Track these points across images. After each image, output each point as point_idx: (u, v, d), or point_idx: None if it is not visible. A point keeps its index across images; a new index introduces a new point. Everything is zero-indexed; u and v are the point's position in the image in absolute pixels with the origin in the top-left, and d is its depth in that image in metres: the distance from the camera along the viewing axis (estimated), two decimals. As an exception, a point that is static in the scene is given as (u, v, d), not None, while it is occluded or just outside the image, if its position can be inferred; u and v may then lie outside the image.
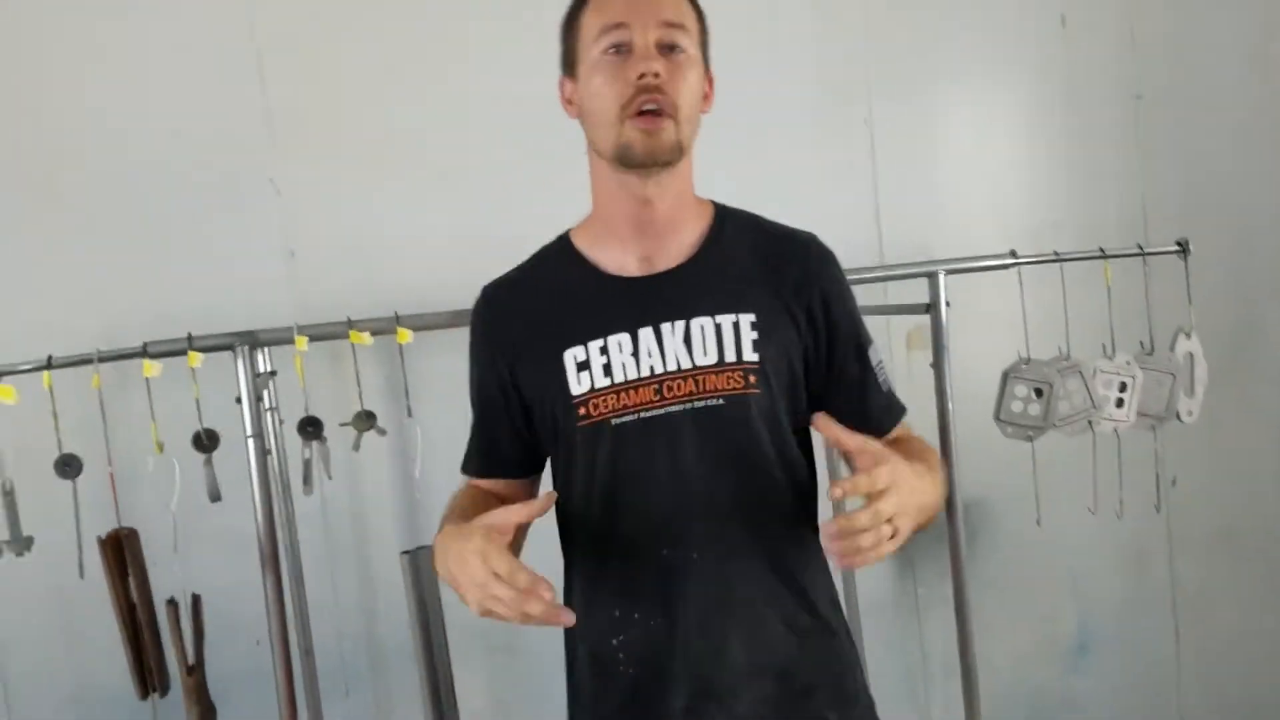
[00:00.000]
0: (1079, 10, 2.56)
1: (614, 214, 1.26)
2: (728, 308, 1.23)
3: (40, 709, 2.22)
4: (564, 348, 1.24)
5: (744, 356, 1.22)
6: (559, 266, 1.31)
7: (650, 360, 1.22)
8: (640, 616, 1.25)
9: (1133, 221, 2.58)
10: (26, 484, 1.87)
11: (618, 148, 1.19)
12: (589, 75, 1.21)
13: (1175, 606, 2.70)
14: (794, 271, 1.27)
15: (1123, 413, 2.09)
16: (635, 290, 1.25)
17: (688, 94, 1.19)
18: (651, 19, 1.18)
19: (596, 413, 1.23)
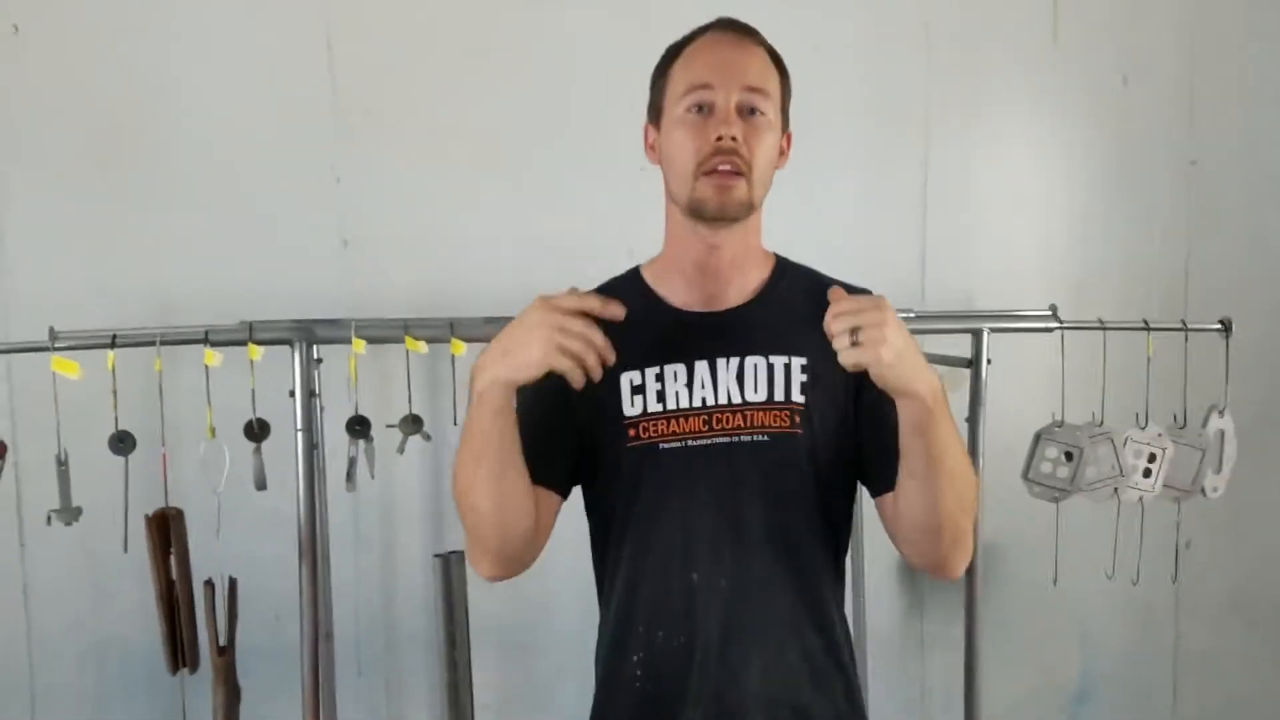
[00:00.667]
0: (1141, 72, 2.57)
1: (682, 255, 1.33)
2: (781, 349, 1.30)
3: (63, 661, 2.29)
4: (621, 371, 1.29)
5: (791, 397, 1.28)
6: (626, 295, 1.32)
7: (703, 392, 1.29)
8: (664, 636, 1.30)
9: (1175, 286, 2.60)
10: (74, 454, 1.92)
11: (691, 201, 1.26)
12: (671, 128, 1.28)
13: (1176, 663, 2.74)
14: None
15: (1149, 483, 2.12)
16: (695, 326, 1.32)
17: (762, 156, 1.26)
18: (736, 83, 1.25)
19: (646, 435, 1.29)
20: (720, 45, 1.29)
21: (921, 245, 2.51)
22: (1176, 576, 2.29)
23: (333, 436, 2.07)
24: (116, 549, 1.90)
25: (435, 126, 2.32)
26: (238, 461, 1.93)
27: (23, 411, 2.14)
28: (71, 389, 1.83)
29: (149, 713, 2.30)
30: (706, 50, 1.29)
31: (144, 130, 2.23)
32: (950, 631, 2.58)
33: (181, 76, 2.23)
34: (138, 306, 2.17)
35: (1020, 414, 2.20)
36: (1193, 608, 2.71)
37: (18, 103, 2.18)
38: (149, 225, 2.23)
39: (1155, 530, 2.23)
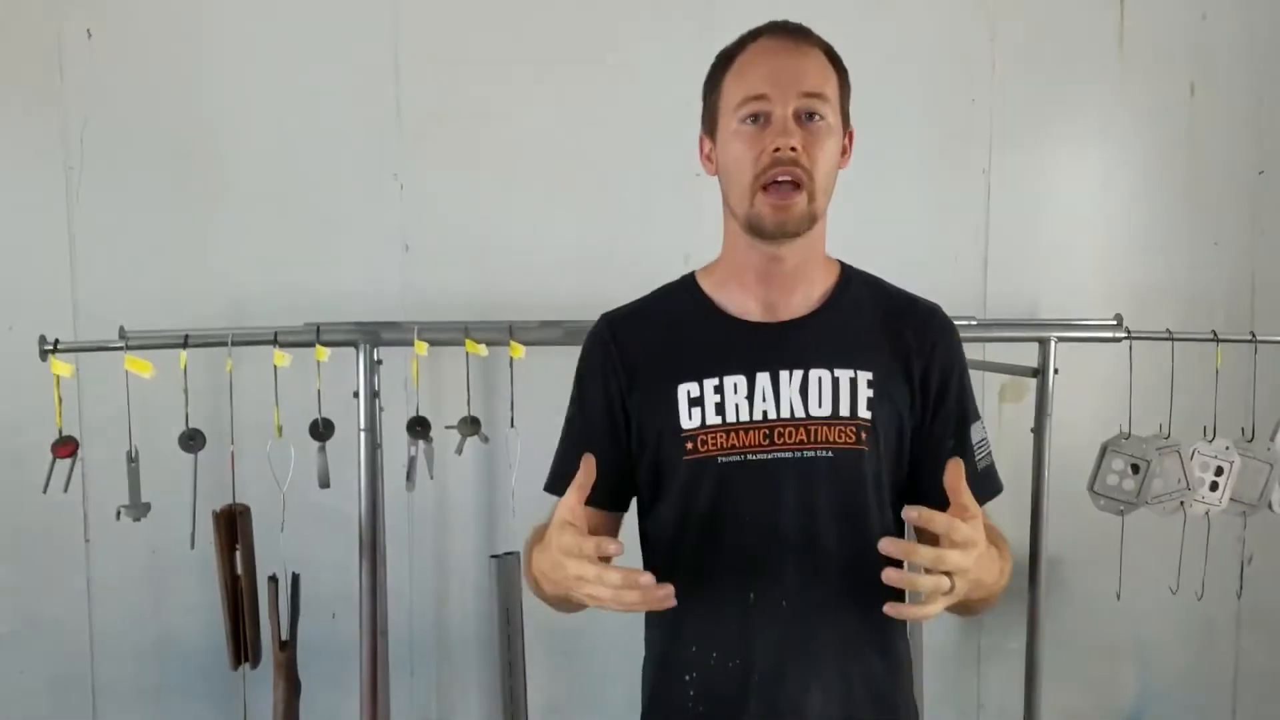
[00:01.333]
0: (1208, 81, 2.53)
1: (743, 264, 1.28)
2: (846, 363, 1.24)
3: (125, 656, 2.33)
4: (679, 381, 1.25)
5: (858, 412, 1.23)
6: (681, 303, 1.33)
7: (764, 405, 1.23)
8: (719, 657, 1.25)
9: (1242, 297, 2.56)
10: (143, 451, 1.96)
11: (749, 217, 1.21)
12: (727, 141, 1.23)
13: (1236, 684, 2.68)
14: (914, 338, 1.28)
15: (1216, 497, 2.08)
16: (756, 335, 1.27)
17: (823, 164, 1.20)
18: (792, 90, 1.19)
19: (704, 449, 1.24)
20: (774, 51, 1.23)
21: (984, 254, 2.49)
22: (1241, 592, 2.24)
23: (390, 437, 2.09)
24: (178, 546, 1.92)
25: (495, 134, 2.34)
26: (302, 462, 1.96)
27: (90, 408, 2.18)
28: (139, 389, 1.86)
29: (207, 708, 2.33)
30: (760, 57, 1.23)
31: (213, 135, 2.26)
32: (1007, 644, 2.55)
33: (250, 82, 2.27)
34: (204, 309, 2.22)
35: (1085, 425, 2.17)
36: (1254, 625, 2.65)
37: (90, 106, 2.22)
38: (215, 228, 2.27)
39: (1217, 545, 2.19)
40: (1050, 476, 2.03)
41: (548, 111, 2.34)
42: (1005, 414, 2.50)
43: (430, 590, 2.42)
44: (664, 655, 1.31)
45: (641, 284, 1.86)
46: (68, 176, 2.22)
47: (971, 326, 2.24)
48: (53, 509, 2.12)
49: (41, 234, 2.23)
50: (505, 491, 2.17)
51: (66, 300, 2.23)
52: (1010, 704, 2.43)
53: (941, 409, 1.27)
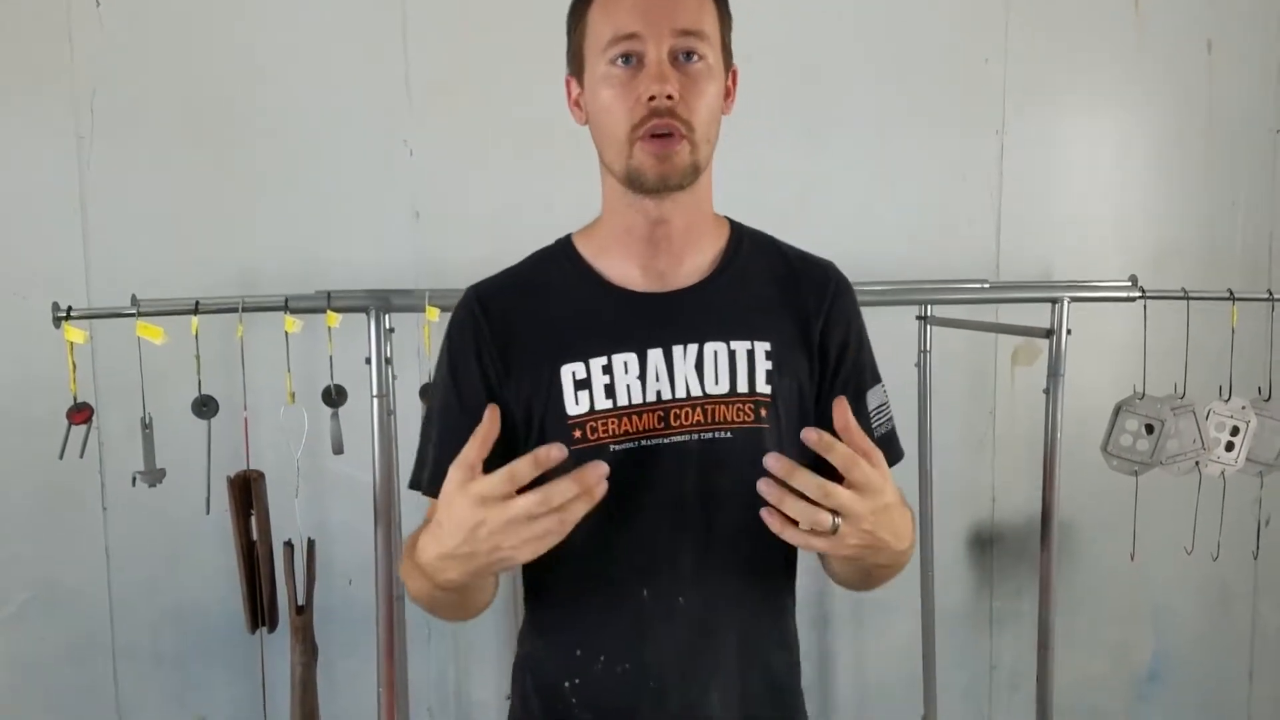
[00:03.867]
0: (1226, 38, 2.50)
1: (623, 228, 1.16)
2: (743, 334, 1.14)
3: (143, 622, 2.36)
4: (562, 362, 1.13)
5: (757, 388, 1.13)
6: (560, 273, 1.20)
7: (658, 385, 1.12)
8: (606, 661, 1.14)
9: (1258, 257, 2.54)
10: (157, 418, 1.96)
11: (628, 171, 1.09)
12: (596, 86, 1.10)
13: (1253, 647, 2.69)
14: (811, 300, 1.19)
15: (1231, 457, 2.07)
16: (645, 307, 1.15)
17: (704, 111, 1.08)
18: (666, 27, 1.06)
19: (594, 436, 1.11)
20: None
21: (997, 215, 2.47)
22: (1259, 553, 2.24)
23: (403, 403, 2.09)
24: (194, 512, 1.94)
25: (505, 102, 2.33)
26: (312, 427, 1.97)
27: (103, 377, 2.19)
28: (151, 355, 1.87)
29: (226, 672, 2.35)
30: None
31: (223, 102, 2.26)
32: (1019, 608, 2.56)
33: (259, 50, 2.26)
34: (215, 276, 2.22)
35: (1099, 386, 2.16)
36: (1271, 587, 2.65)
37: (100, 74, 2.22)
38: (226, 196, 2.27)
39: (1233, 506, 2.18)
40: (1064, 438, 2.02)
41: (557, 78, 2.30)
42: (1018, 377, 2.49)
43: (445, 556, 2.43)
44: (541, 659, 1.20)
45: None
46: (79, 145, 2.22)
47: (984, 289, 2.23)
48: (69, 476, 2.14)
49: (53, 203, 2.23)
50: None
51: (79, 269, 2.24)
52: (1023, 666, 2.44)
53: (840, 372, 1.19)
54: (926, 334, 2.36)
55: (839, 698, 2.58)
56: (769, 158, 2.35)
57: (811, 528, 0.93)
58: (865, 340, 1.23)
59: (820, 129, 2.39)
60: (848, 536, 0.94)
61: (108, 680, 2.36)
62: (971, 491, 2.57)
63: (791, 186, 2.34)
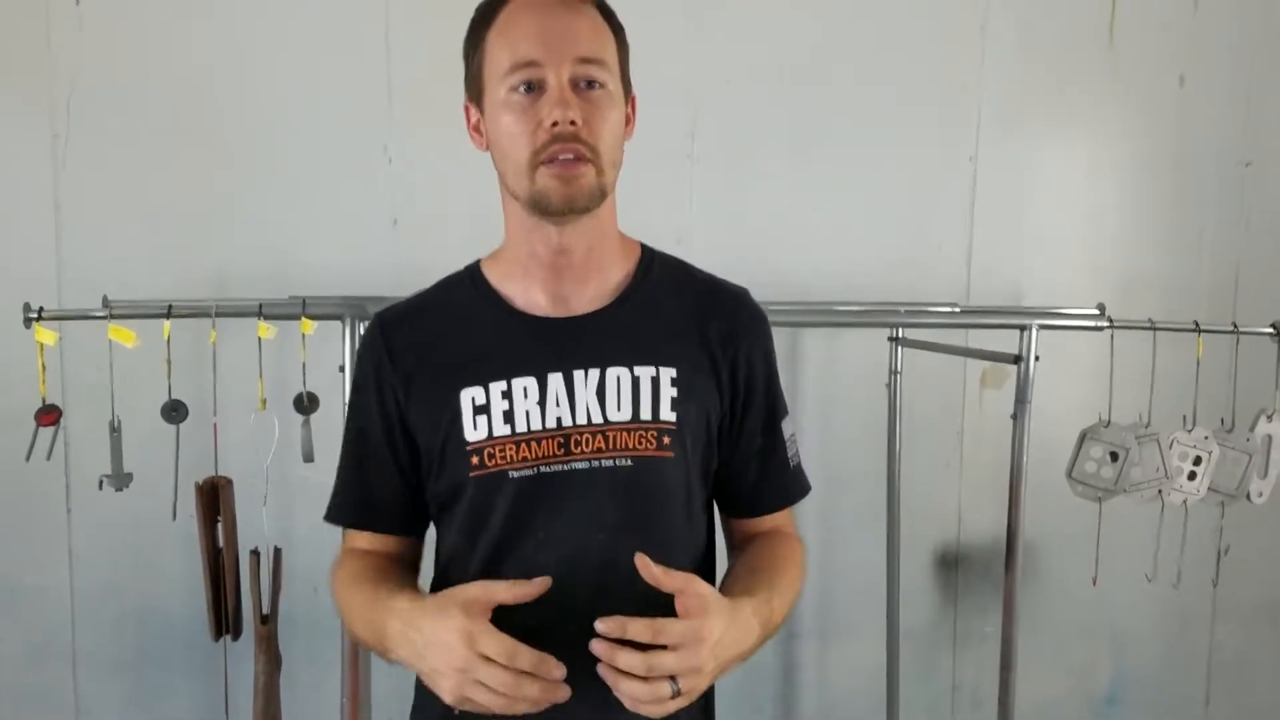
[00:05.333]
0: (1198, 72, 2.54)
1: (527, 254, 1.15)
2: (648, 359, 1.13)
3: (105, 626, 2.33)
4: (461, 386, 1.12)
5: (660, 415, 1.12)
6: (465, 298, 1.20)
7: (558, 410, 1.11)
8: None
9: (1224, 288, 2.58)
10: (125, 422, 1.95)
11: (533, 196, 1.08)
12: (497, 112, 1.10)
13: (1210, 672, 2.72)
14: (721, 326, 1.17)
15: (1194, 486, 2.10)
16: (548, 332, 1.14)
17: (608, 136, 1.08)
18: (567, 55, 1.06)
19: (492, 463, 1.11)
20: (539, 9, 1.08)
21: (969, 241, 2.50)
22: (1217, 581, 2.27)
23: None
24: (160, 517, 1.92)
25: (486, 109, 2.33)
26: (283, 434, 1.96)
27: (72, 379, 2.17)
28: (121, 358, 1.86)
29: (188, 679, 2.34)
30: (525, 15, 1.09)
31: (201, 105, 2.25)
32: (983, 628, 2.58)
33: (238, 52, 2.25)
34: (189, 279, 2.21)
35: (1065, 413, 2.19)
36: (1229, 615, 2.69)
37: (76, 73, 2.20)
38: (201, 198, 2.26)
39: (1194, 535, 2.21)
40: (1029, 463, 2.04)
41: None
42: (986, 400, 2.52)
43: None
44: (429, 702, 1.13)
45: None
46: (54, 144, 2.21)
47: (955, 313, 2.26)
48: (34, 478, 2.12)
49: (27, 201, 2.21)
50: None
51: (51, 268, 2.22)
52: (985, 686, 2.47)
53: (752, 402, 1.19)
54: (898, 355, 2.39)
55: (803, 714, 2.59)
56: (747, 181, 2.36)
57: (657, 700, 0.94)
58: (775, 371, 1.22)
59: (798, 152, 2.41)
60: (698, 687, 0.95)
61: (67, 684, 2.33)
62: (938, 511, 2.59)
63: (769, 209, 2.36)
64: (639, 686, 0.93)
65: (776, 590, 1.10)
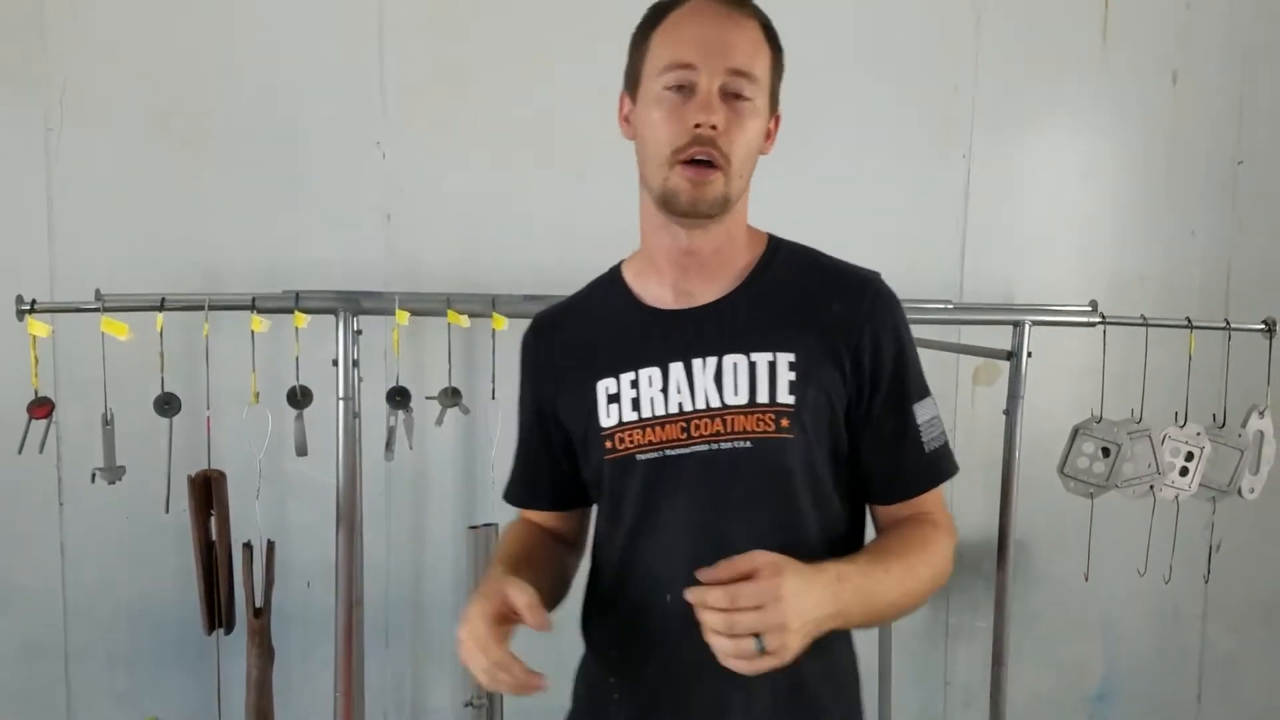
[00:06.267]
0: (1191, 70, 2.54)
1: (655, 249, 1.23)
2: (765, 345, 1.17)
3: (97, 620, 2.33)
4: (597, 378, 1.21)
5: (778, 398, 1.15)
6: (605, 296, 1.29)
7: (679, 397, 1.17)
8: (633, 663, 1.21)
9: (1217, 286, 2.58)
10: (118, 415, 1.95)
11: (663, 192, 1.14)
12: (647, 106, 1.15)
13: (1202, 669, 2.73)
14: (845, 311, 1.19)
15: (1186, 481, 2.11)
16: (670, 323, 1.21)
17: (743, 147, 1.14)
18: (720, 65, 1.12)
19: (623, 447, 1.19)
20: (707, 16, 1.14)
21: (962, 238, 2.50)
22: (1209, 577, 2.28)
23: (368, 407, 2.09)
24: (152, 511, 1.92)
25: (480, 103, 2.33)
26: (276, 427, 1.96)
27: (64, 372, 2.17)
28: (114, 351, 1.86)
29: (181, 673, 2.33)
30: (692, 20, 1.14)
31: (195, 99, 2.25)
32: (975, 624, 2.58)
33: (232, 47, 2.25)
34: (181, 274, 2.20)
35: (1058, 409, 2.20)
36: (1220, 611, 2.70)
37: (70, 67, 2.20)
38: (195, 193, 2.26)
39: (1186, 531, 2.22)
40: (1022, 459, 2.06)
41: (533, 81, 2.33)
42: (979, 397, 2.53)
43: (407, 561, 2.42)
44: (592, 654, 1.29)
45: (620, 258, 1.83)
46: (47, 137, 2.20)
47: (948, 310, 2.26)
48: (26, 472, 2.12)
49: (19, 194, 2.21)
50: (484, 463, 2.18)
51: (44, 262, 2.22)
52: (976, 682, 2.47)
53: (880, 386, 1.20)
54: (891, 352, 2.39)
55: (795, 711, 2.59)
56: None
57: (742, 657, 0.97)
58: (909, 353, 1.23)
59: (792, 151, 2.39)
60: (788, 646, 0.97)
61: (59, 680, 2.33)
62: (931, 508, 2.59)
63: (764, 207, 2.35)
64: (725, 642, 0.97)
65: (882, 564, 1.12)
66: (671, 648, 1.16)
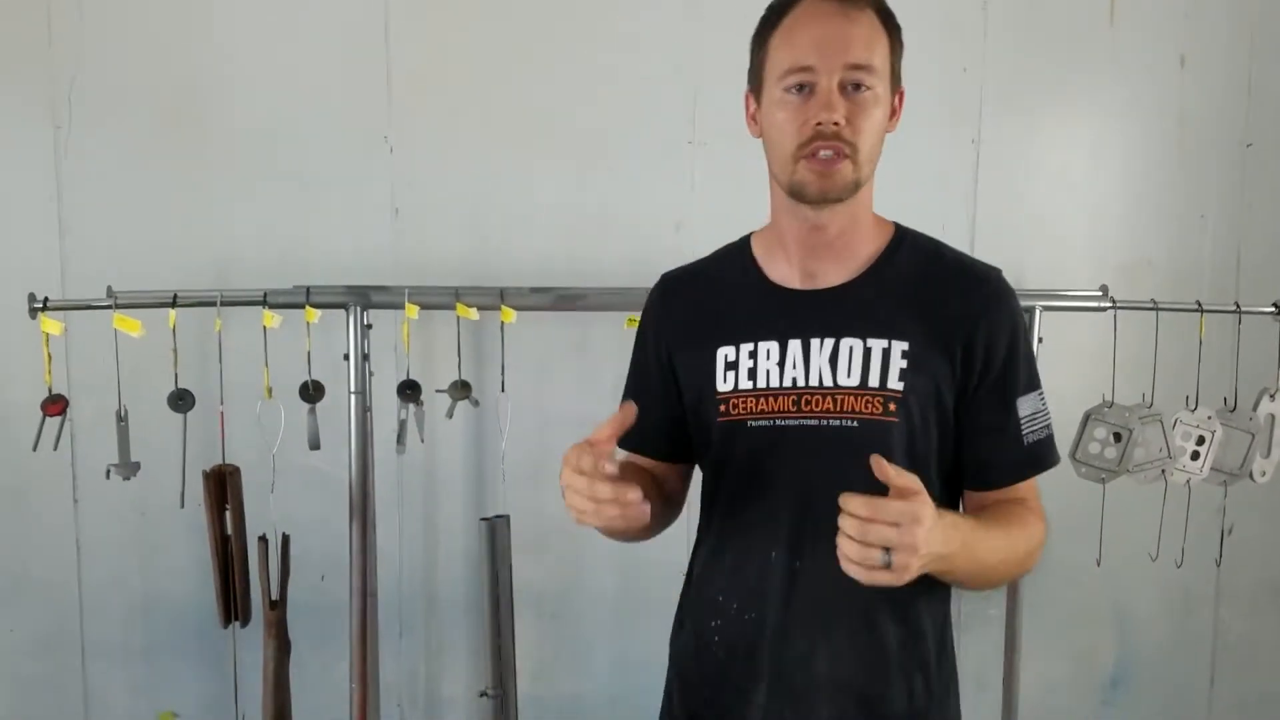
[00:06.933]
0: (1199, 53, 2.53)
1: (785, 230, 1.29)
2: (881, 332, 1.23)
3: (114, 615, 2.35)
4: (718, 345, 1.29)
5: (888, 383, 1.22)
6: (732, 268, 1.36)
7: (794, 372, 1.24)
8: (738, 608, 1.29)
9: (1227, 269, 2.58)
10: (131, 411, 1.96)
11: (792, 184, 1.21)
12: (771, 107, 1.22)
13: (1214, 653, 2.73)
14: (960, 304, 1.24)
15: (1197, 466, 2.11)
16: (793, 302, 1.28)
17: (868, 134, 1.19)
18: (838, 62, 1.17)
19: (735, 412, 1.27)
20: (822, 17, 1.19)
21: (972, 223, 2.50)
22: (1221, 560, 2.28)
23: (379, 400, 2.10)
24: (167, 506, 1.94)
25: (487, 98, 2.33)
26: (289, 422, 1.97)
27: (77, 370, 2.18)
28: (126, 347, 1.87)
29: (197, 666, 2.35)
30: (807, 22, 1.20)
31: (202, 94, 2.25)
32: (988, 611, 2.58)
33: (240, 42, 2.25)
34: (191, 269, 2.21)
35: (1069, 394, 2.19)
36: (1233, 595, 2.69)
37: (78, 64, 2.21)
38: (204, 189, 2.27)
39: (1197, 514, 2.22)
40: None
41: (540, 75, 2.33)
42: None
43: (420, 553, 2.43)
44: (695, 601, 1.36)
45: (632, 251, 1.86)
46: (55, 135, 2.21)
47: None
48: (41, 468, 2.13)
49: (29, 192, 2.22)
50: (495, 455, 2.19)
51: (54, 259, 2.23)
52: (989, 671, 2.47)
53: (988, 378, 1.25)
54: (901, 339, 2.39)
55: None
56: (749, 164, 2.36)
57: (865, 564, 1.02)
58: (1021, 348, 1.27)
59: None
60: (908, 567, 1.03)
61: (76, 673, 2.35)
62: (942, 496, 2.59)
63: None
64: (854, 546, 1.02)
65: (986, 529, 1.18)
66: (770, 600, 1.26)
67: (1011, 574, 1.24)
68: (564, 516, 1.17)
